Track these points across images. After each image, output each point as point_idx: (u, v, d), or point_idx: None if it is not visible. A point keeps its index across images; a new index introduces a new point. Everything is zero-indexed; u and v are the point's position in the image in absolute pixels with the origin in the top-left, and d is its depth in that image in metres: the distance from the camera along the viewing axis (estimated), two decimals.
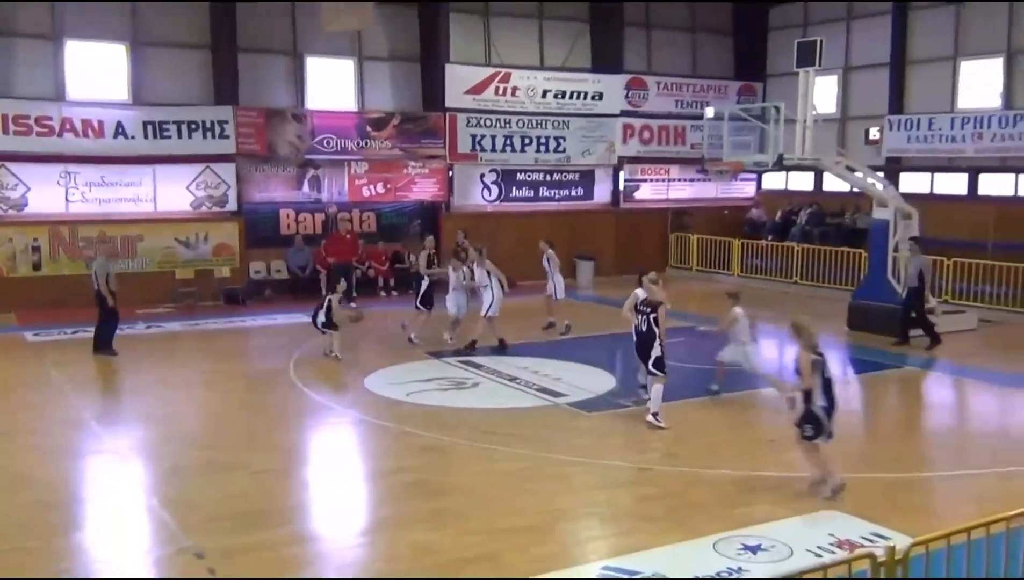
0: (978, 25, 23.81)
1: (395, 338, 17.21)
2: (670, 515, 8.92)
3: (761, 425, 12.51)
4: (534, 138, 25.85)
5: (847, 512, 8.89)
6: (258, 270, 22.94)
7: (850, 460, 10.82)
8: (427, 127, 24.44)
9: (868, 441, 11.97)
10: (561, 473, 10.14)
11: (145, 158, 21.46)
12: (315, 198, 23.51)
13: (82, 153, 20.98)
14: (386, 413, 12.55)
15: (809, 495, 9.42)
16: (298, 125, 22.97)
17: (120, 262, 20.23)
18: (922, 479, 10.15)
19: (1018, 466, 10.48)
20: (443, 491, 9.63)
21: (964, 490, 9.78)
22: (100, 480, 10.17)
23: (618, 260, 26.40)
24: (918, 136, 24.78)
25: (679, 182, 28.37)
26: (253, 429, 11.93)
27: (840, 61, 26.66)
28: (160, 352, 16.74)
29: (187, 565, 7.81)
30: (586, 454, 10.75)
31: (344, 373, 15.06)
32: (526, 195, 26.16)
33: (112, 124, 21.10)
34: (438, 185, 24.76)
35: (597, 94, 26.53)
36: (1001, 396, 14.26)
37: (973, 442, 11.82)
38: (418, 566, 7.78)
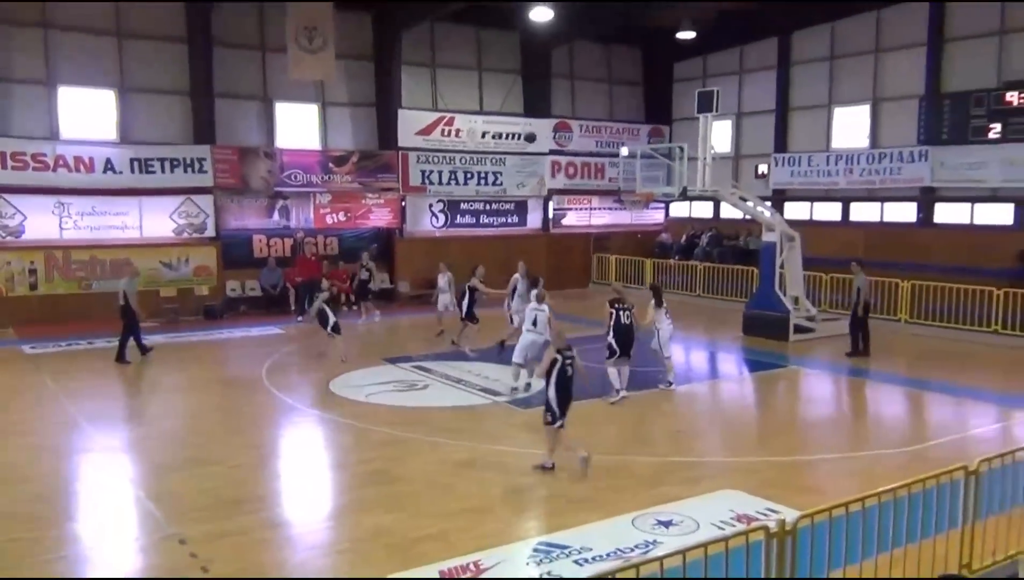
0: (848, 78, 24.45)
1: (357, 347, 17.03)
2: (595, 496, 8.93)
3: (670, 418, 12.63)
4: (475, 173, 25.86)
5: (745, 491, 9.00)
6: (234, 288, 22.56)
7: (746, 445, 10.98)
8: (382, 163, 24.29)
9: (762, 429, 12.15)
10: (501, 462, 10.11)
11: (132, 190, 20.98)
12: (284, 225, 23.20)
13: (74, 186, 20.43)
14: (348, 412, 12.42)
15: (712, 477, 9.52)
16: (269, 161, 22.68)
17: (108, 282, 19.76)
18: (808, 461, 10.32)
19: (887, 448, 10.73)
20: (398, 479, 9.54)
21: (843, 470, 9.96)
22: (91, 475, 9.87)
23: (549, 277, 26.25)
24: (799, 171, 25.33)
25: (599, 210, 28.57)
26: (230, 428, 11.70)
27: (734, 108, 27.15)
28: (146, 361, 16.33)
29: (171, 550, 7.61)
30: (523, 445, 10.73)
31: (311, 378, 14.86)
32: (469, 222, 26.13)
33: (102, 160, 20.60)
34: (392, 213, 24.61)
35: (529, 135, 26.66)
36: (871, 390, 14.60)
37: (849, 429, 12.05)
38: (378, 545, 7.69)
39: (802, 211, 25.48)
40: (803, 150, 25.39)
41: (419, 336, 19.26)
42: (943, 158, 21.84)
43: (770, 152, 26.15)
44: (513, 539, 7.82)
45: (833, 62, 24.75)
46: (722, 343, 18.87)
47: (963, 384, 14.29)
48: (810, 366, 16.23)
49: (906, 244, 22.29)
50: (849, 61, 24.33)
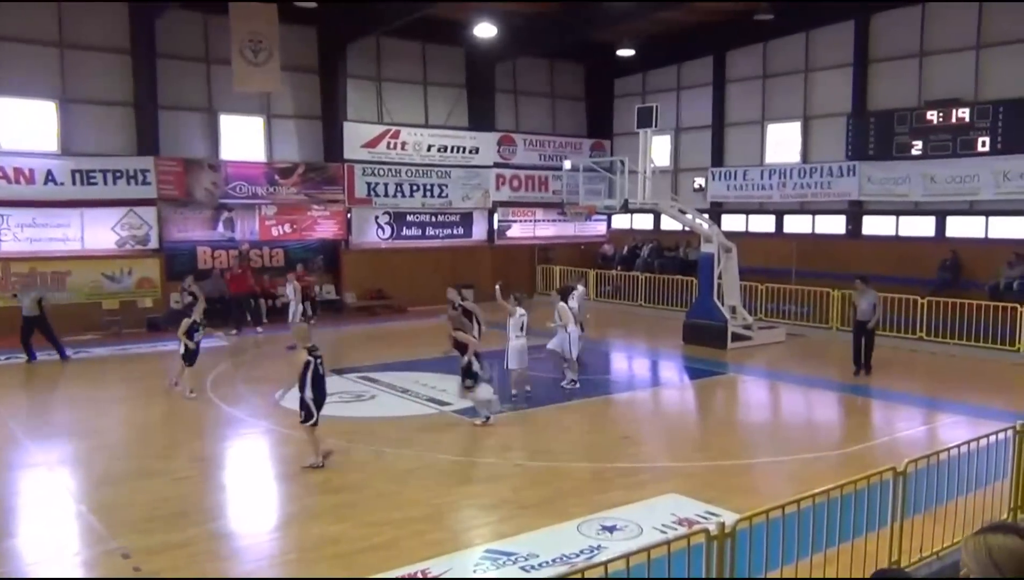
0: (780, 95, 25.00)
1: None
2: (540, 503, 8.94)
3: (614, 425, 12.72)
4: (421, 185, 25.79)
5: (687, 495, 9.10)
6: (178, 300, 22.01)
7: (687, 450, 11.10)
8: (328, 176, 24.08)
9: (701, 434, 12.31)
10: (448, 470, 10.08)
11: (73, 202, 20.43)
12: (229, 237, 22.82)
13: (14, 197, 19.80)
14: (295, 424, 12.22)
15: (655, 481, 9.61)
16: (213, 173, 22.30)
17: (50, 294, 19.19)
18: (747, 465, 10.48)
19: (819, 451, 10.95)
20: (345, 488, 9.43)
21: (780, 473, 10.14)
22: (31, 490, 9.55)
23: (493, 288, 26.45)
24: (735, 184, 25.79)
25: (543, 222, 28.70)
26: (174, 440, 11.45)
27: (672, 123, 27.55)
28: (88, 374, 15.90)
29: (114, 564, 7.40)
30: (468, 454, 10.71)
31: (257, 389, 14.62)
32: (415, 234, 26.02)
33: (42, 172, 20.02)
34: (338, 225, 24.39)
35: (474, 149, 26.69)
36: (805, 395, 14.90)
37: (784, 433, 12.28)
38: (326, 555, 7.58)
39: (738, 223, 25.95)
40: (739, 165, 25.87)
41: (365, 346, 19.10)
42: (870, 173, 22.45)
43: (707, 166, 26.58)
44: (460, 547, 7.78)
45: (766, 80, 25.30)
46: (663, 351, 19.09)
47: (892, 389, 14.66)
48: (748, 373, 16.49)
49: (836, 255, 22.82)
50: (781, 80, 24.90)
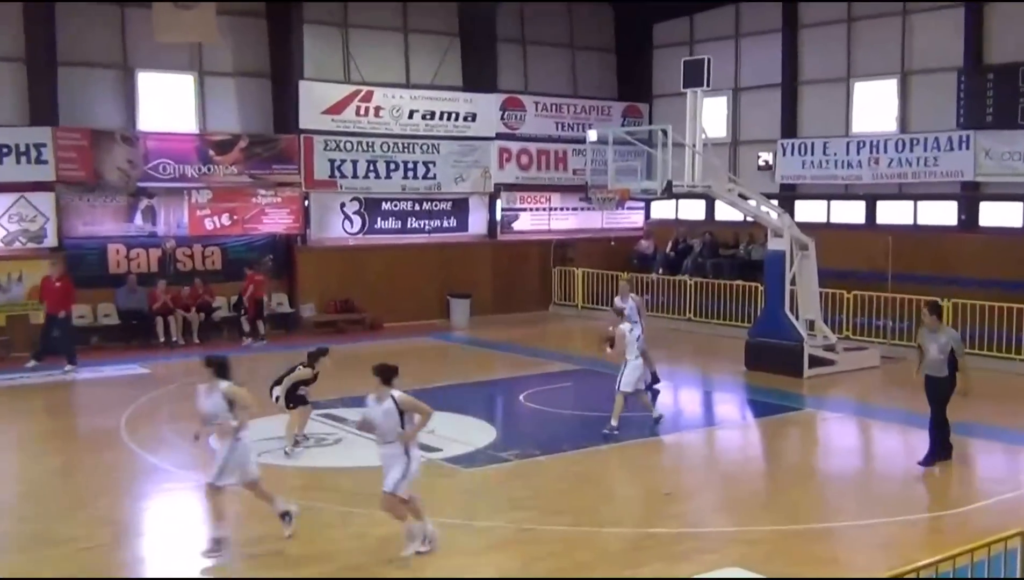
0: (870, 44, 24.94)
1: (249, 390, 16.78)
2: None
3: (655, 476, 12.71)
4: (400, 163, 25.84)
5: (748, 569, 9.09)
6: (83, 315, 22.13)
7: (749, 510, 11.10)
8: (279, 151, 24.15)
9: (768, 489, 12.29)
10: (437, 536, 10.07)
11: None
12: (150, 232, 22.88)
13: None
14: None
15: (707, 551, 9.61)
16: (129, 148, 22.37)
17: None
18: (825, 530, 10.44)
19: (921, 512, 10.93)
20: (302, 563, 9.45)
21: (869, 540, 10.10)
22: None
23: (496, 297, 26.52)
24: (813, 161, 25.76)
25: (561, 211, 28.69)
26: (81, 497, 11.48)
27: (730, 81, 27.50)
28: None
29: None
30: (464, 514, 10.72)
31: (185, 431, 14.61)
32: (393, 226, 26.05)
33: None
34: (292, 216, 24.46)
35: (470, 115, 26.73)
36: (904, 438, 14.81)
37: (876, 487, 12.25)
38: None
39: (817, 211, 25.90)
40: (817, 135, 25.82)
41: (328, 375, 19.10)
42: (988, 146, 22.37)
43: (776, 137, 26.55)
44: None
45: (851, 25, 25.26)
46: (719, 380, 19.05)
47: (1017, 427, 14.63)
48: (830, 408, 16.44)
49: (945, 252, 22.73)
50: (871, 24, 24.84)
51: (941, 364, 12.63)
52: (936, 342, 12.69)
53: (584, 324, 25.62)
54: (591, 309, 26.65)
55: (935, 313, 13.08)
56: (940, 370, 12.65)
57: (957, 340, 12.84)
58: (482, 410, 15.88)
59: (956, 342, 12.75)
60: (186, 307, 22.44)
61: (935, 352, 12.66)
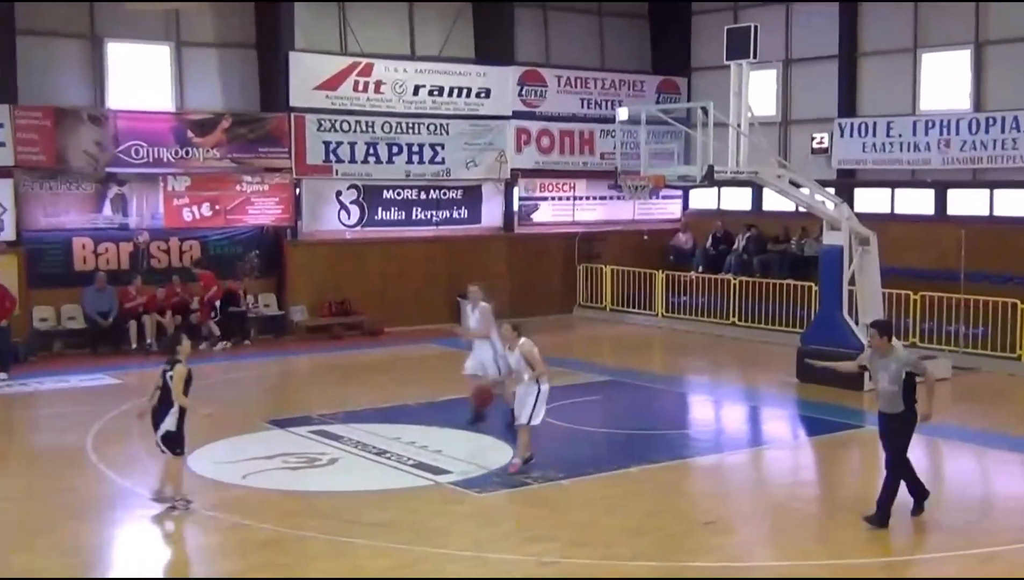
0: (940, 10, 24.77)
1: (228, 402, 16.85)
2: None
3: (693, 503, 12.65)
4: (404, 146, 25.83)
5: None
6: (44, 317, 22.26)
7: (801, 541, 11.02)
8: (266, 132, 24.19)
9: (822, 518, 12.21)
10: (442, 571, 10.06)
11: None
12: (120, 224, 22.95)
13: None
14: (215, 500, 12.26)
15: None
16: (97, 129, 22.45)
17: None
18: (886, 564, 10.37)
19: (1001, 544, 10.83)
20: None
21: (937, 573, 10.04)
22: None
23: (514, 298, 26.36)
24: (874, 144, 25.58)
25: (587, 201, 28.69)
26: (42, 524, 11.49)
27: (780, 52, 27.39)
28: None
29: None
30: (474, 546, 10.68)
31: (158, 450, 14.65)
32: (395, 218, 26.06)
33: None
34: (282, 206, 24.50)
35: (483, 91, 26.73)
36: (979, 460, 14.74)
37: (946, 517, 12.14)
38: None
39: (880, 201, 25.80)
40: (879, 114, 25.69)
41: (322, 386, 19.14)
42: None
43: (833, 116, 26.43)
44: None
45: None
46: (768, 393, 18.97)
47: None
48: None
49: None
50: None
51: (894, 398, 11.44)
52: (886, 370, 11.47)
53: (613, 329, 25.57)
54: (621, 312, 26.60)
55: (885, 334, 11.80)
56: (894, 405, 11.47)
57: (913, 362, 11.69)
58: (496, 427, 15.78)
59: (912, 365, 11.58)
60: (161, 309, 22.49)
61: (886, 382, 11.49)
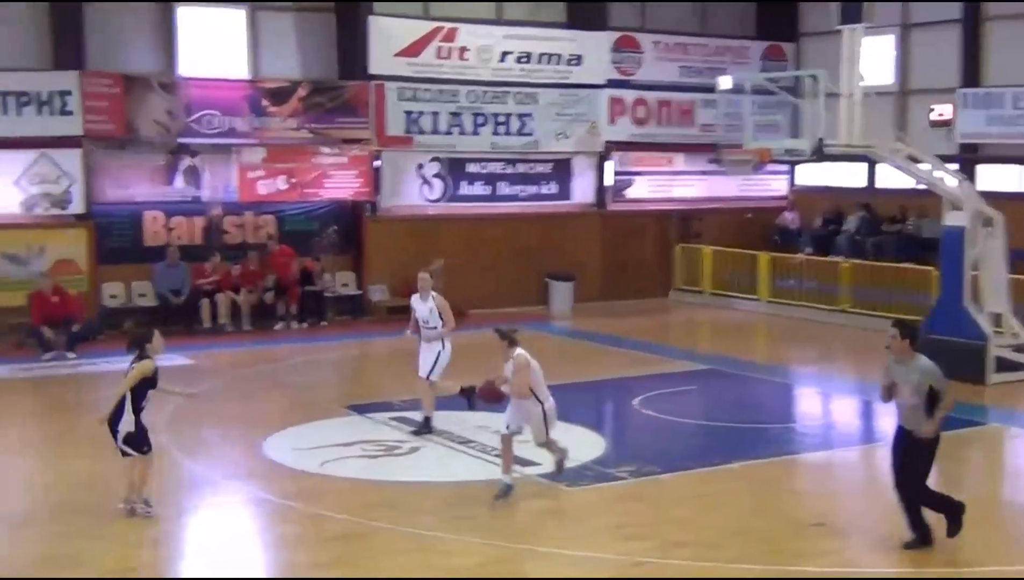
0: None
1: (305, 386, 17.03)
2: None
3: (800, 503, 12.53)
4: (490, 116, 25.86)
5: None
6: (114, 294, 22.64)
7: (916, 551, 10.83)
8: (344, 101, 24.34)
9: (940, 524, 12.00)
10: (528, 570, 10.07)
11: None
12: (192, 197, 23.29)
13: None
14: (291, 489, 12.39)
15: None
16: (168, 97, 22.75)
17: None
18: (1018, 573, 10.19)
19: None
20: None
21: None
22: None
23: (605, 280, 26.45)
24: (1001, 116, 25.14)
25: (686, 176, 28.59)
26: (110, 512, 11.66)
27: (896, 16, 27.05)
28: None
29: None
30: (563, 543, 10.68)
31: (235, 434, 14.85)
32: (480, 193, 26.14)
33: None
34: (361, 179, 24.65)
35: (574, 57, 26.65)
36: None
37: None
38: None
39: (1007, 178, 25.43)
40: (1007, 84, 25.25)
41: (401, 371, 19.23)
42: None
43: (954, 86, 26.03)
44: None
45: None
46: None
47: None
48: (1022, 423, 16.08)
49: None
50: None
51: (917, 412, 10.40)
52: (908, 380, 10.41)
53: (712, 314, 25.43)
54: (721, 296, 26.44)
55: (908, 337, 10.53)
56: (916, 421, 10.41)
57: (937, 378, 10.40)
58: (588, 417, 15.80)
59: (936, 380, 10.37)
60: (235, 287, 22.78)
61: (908, 394, 10.43)
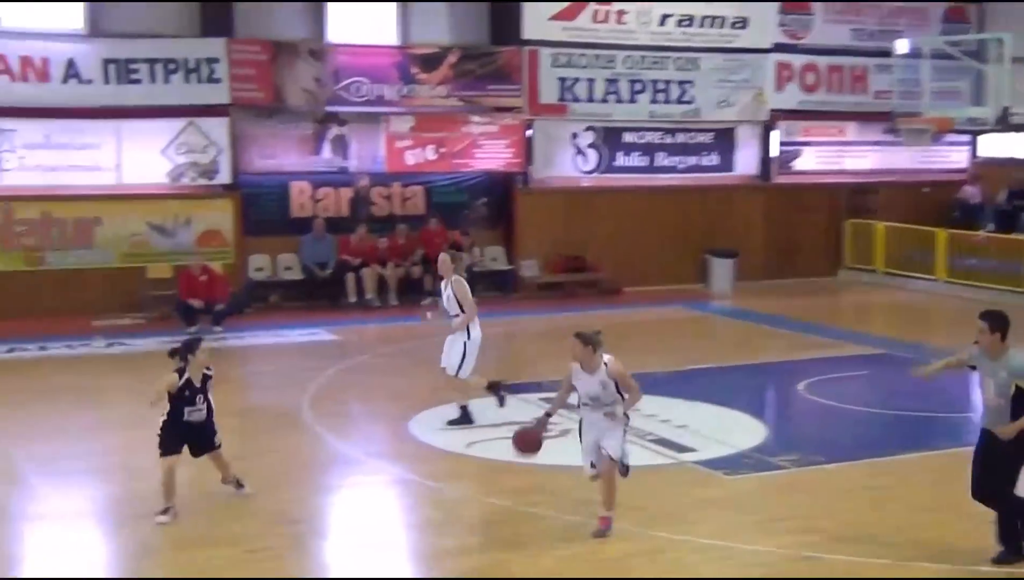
0: None
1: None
2: None
3: None
4: (649, 83, 25.72)
5: None
6: (260, 267, 23.07)
7: None
8: (496, 68, 24.43)
9: None
10: (685, 561, 9.98)
11: (106, 110, 21.78)
12: (340, 167, 23.65)
13: (20, 103, 21.34)
14: (437, 470, 12.49)
15: None
16: (316, 64, 23.09)
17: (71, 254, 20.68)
18: None
19: None
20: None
21: None
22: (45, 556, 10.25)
23: (769, 257, 26.17)
24: None
25: (858, 147, 28.24)
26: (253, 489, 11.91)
27: None
28: (125, 379, 16.81)
29: None
30: (722, 534, 10.56)
31: (381, 411, 15.02)
32: (637, 164, 26.05)
33: (61, 63, 21.42)
34: (512, 149, 24.73)
35: (739, 20, 26.39)
36: None
37: None
38: None
39: None
40: None
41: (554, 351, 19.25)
42: None
43: None
44: None
45: None
46: None
47: None
48: None
49: None
50: None
51: (1002, 414, 9.48)
52: (994, 377, 9.51)
53: (886, 295, 24.96)
54: (895, 275, 25.95)
55: (998, 329, 9.52)
56: (1000, 420, 9.51)
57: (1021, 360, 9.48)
58: (749, 402, 15.62)
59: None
60: (382, 261, 23.03)
61: (992, 392, 9.55)
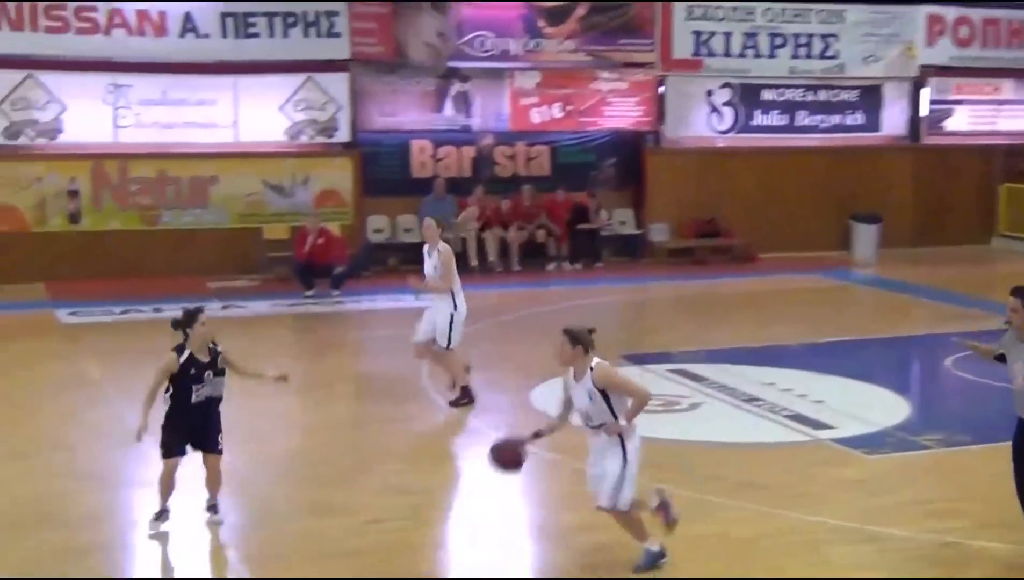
0: None
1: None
2: None
3: None
4: (790, 37, 25.44)
5: None
6: (380, 229, 23.28)
7: None
8: (627, 20, 24.31)
9: None
10: (819, 543, 9.92)
11: (223, 66, 22.23)
12: (462, 125, 23.75)
13: (136, 59, 21.86)
14: (560, 442, 12.48)
15: None
16: (439, 18, 23.19)
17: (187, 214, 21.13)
18: None
19: None
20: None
21: None
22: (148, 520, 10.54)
23: (916, 224, 25.75)
24: None
25: (1015, 106, 27.73)
26: (364, 458, 12.10)
27: None
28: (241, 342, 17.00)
29: None
30: (859, 517, 10.45)
31: (502, 380, 15.09)
32: (776, 123, 25.84)
33: (178, 17, 21.85)
34: (643, 107, 24.63)
35: None
36: None
37: None
38: None
39: None
40: None
41: (684, 320, 19.22)
42: None
43: None
44: None
45: None
46: None
47: None
48: None
49: None
50: None
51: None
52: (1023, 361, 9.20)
53: None
54: None
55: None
56: None
57: None
58: (891, 377, 15.41)
59: None
60: (505, 224, 23.09)
61: (1021, 378, 9.24)
